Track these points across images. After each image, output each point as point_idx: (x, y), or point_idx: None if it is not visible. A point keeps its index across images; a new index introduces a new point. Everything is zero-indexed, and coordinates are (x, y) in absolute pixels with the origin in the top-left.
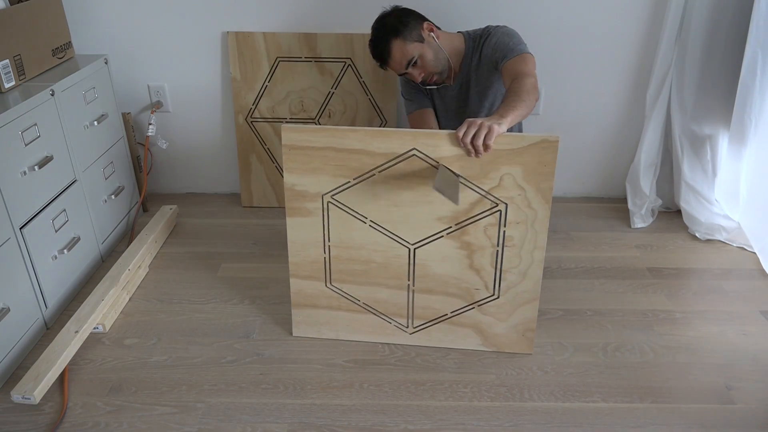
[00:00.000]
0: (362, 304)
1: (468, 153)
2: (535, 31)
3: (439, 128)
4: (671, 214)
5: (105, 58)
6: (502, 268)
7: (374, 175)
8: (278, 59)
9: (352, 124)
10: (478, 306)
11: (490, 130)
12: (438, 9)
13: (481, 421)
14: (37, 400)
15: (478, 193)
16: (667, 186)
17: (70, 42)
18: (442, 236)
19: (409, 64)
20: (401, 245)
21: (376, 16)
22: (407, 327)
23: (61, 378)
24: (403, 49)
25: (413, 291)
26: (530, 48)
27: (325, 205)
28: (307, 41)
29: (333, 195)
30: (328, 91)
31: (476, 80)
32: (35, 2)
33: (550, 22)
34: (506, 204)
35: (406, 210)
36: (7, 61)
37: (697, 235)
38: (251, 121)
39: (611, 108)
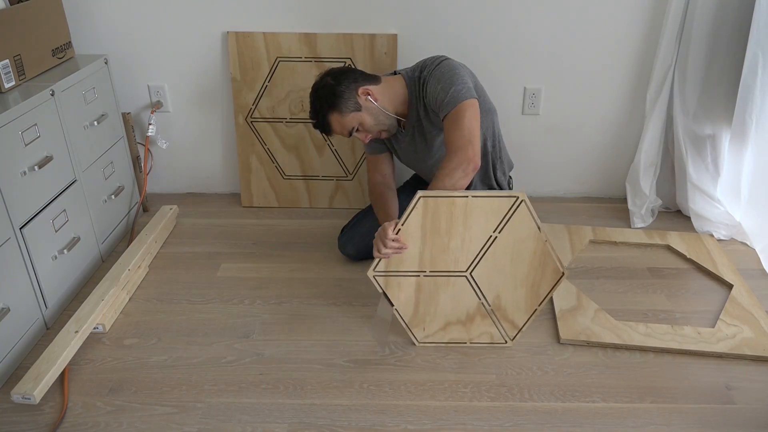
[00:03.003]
0: None
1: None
2: (535, 30)
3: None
4: (671, 214)
5: (105, 58)
6: None
7: None
8: (278, 59)
9: None
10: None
11: (383, 230)
12: (437, 7)
13: (481, 421)
14: (37, 400)
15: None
16: (667, 186)
17: (70, 42)
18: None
19: (350, 132)
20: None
21: (315, 80)
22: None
23: (61, 378)
24: (341, 122)
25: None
26: (531, 48)
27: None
28: (307, 41)
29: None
30: None
31: (428, 125)
32: (35, 2)
33: (550, 22)
34: None
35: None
36: (7, 61)
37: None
38: (251, 121)
39: (611, 108)
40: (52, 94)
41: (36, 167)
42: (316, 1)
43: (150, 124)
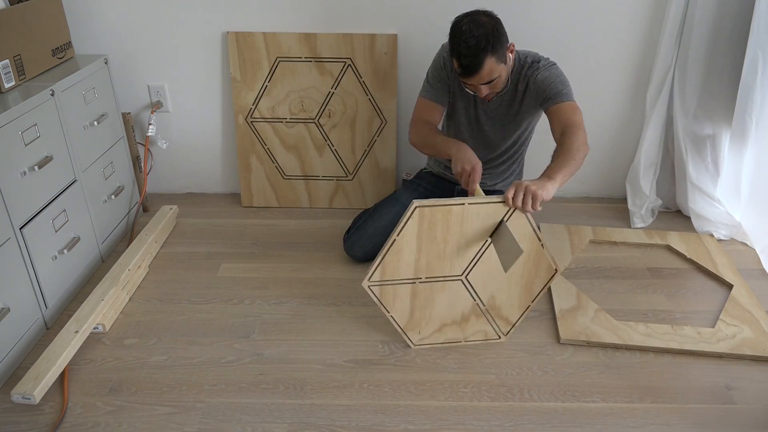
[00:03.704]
0: None
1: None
2: (535, 30)
3: (452, 130)
4: (671, 214)
5: (105, 58)
6: None
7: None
8: (278, 59)
9: (352, 124)
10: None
11: (535, 198)
12: (437, 7)
13: (481, 421)
14: (37, 400)
15: None
16: (667, 186)
17: (70, 42)
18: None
19: (490, 81)
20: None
21: (467, 13)
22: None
23: (61, 378)
24: (492, 68)
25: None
26: (531, 48)
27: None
28: (307, 41)
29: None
30: (328, 91)
31: (516, 104)
32: (35, 2)
33: (550, 22)
34: None
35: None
36: (7, 61)
37: (714, 234)
38: (251, 121)
39: (611, 108)
40: (52, 94)
41: (36, 167)
42: (316, 1)
43: (150, 124)
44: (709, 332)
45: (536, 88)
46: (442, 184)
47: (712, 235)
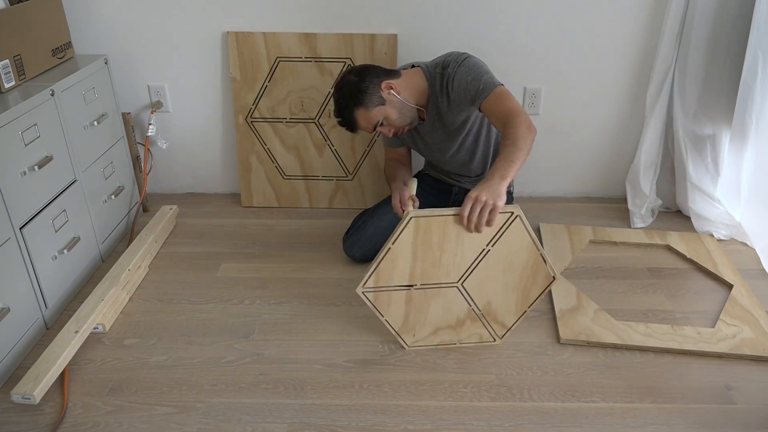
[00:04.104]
0: None
1: (470, 231)
2: (535, 31)
3: (425, 159)
4: (671, 214)
5: (105, 58)
6: None
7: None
8: (278, 59)
9: None
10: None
11: (493, 208)
12: (437, 7)
13: (481, 421)
14: (37, 400)
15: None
16: (667, 186)
17: (70, 42)
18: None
19: (375, 127)
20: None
21: (336, 79)
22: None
23: (61, 378)
24: (367, 117)
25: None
26: (531, 48)
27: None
28: (307, 41)
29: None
30: (328, 91)
31: (450, 117)
32: (35, 2)
33: (550, 22)
34: None
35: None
36: (7, 61)
37: (714, 234)
38: (251, 121)
39: (611, 108)
40: (52, 94)
41: (36, 167)
42: (316, 1)
43: (150, 124)
44: (709, 332)
45: (457, 95)
46: (440, 185)
47: (712, 235)
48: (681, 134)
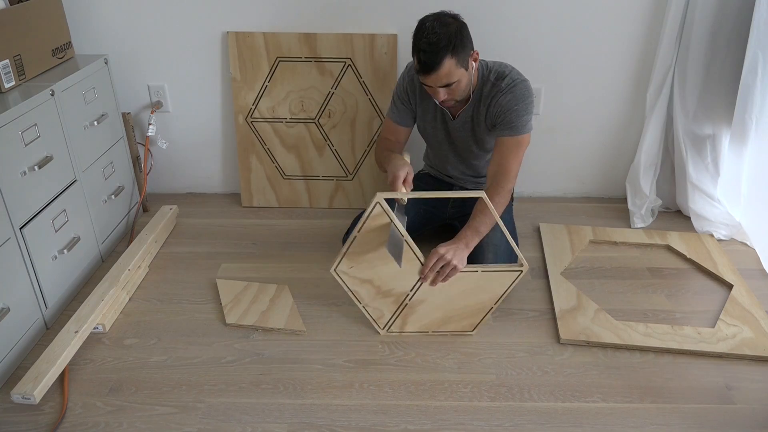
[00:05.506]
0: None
1: (424, 281)
2: (535, 30)
3: (432, 151)
4: (671, 214)
5: (105, 58)
6: None
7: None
8: (278, 59)
9: (352, 124)
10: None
11: (454, 271)
12: (437, 7)
13: (481, 421)
14: (37, 400)
15: None
16: (667, 186)
17: (70, 42)
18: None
19: (447, 84)
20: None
21: (435, 13)
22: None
23: (61, 378)
24: (451, 70)
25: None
26: (530, 48)
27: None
28: (307, 41)
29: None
30: (328, 91)
31: (480, 122)
32: (35, 2)
33: (550, 22)
34: None
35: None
36: (7, 61)
37: (714, 234)
38: (251, 121)
39: (611, 108)
40: (52, 94)
41: (36, 167)
42: (316, 1)
43: (150, 124)
44: (709, 332)
45: (496, 112)
46: (439, 185)
47: (712, 235)
48: (681, 134)
